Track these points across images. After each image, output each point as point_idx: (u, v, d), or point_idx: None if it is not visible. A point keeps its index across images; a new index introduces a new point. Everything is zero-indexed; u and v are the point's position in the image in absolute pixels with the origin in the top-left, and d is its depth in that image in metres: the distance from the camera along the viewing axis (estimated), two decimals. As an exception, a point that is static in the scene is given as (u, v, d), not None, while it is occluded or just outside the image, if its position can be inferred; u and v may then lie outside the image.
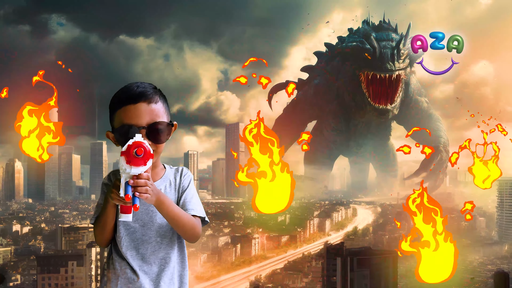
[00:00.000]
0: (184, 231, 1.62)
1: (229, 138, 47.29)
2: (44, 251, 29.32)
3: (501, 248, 31.73)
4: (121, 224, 1.65)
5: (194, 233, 1.64)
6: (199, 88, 63.71)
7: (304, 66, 28.45)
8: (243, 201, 37.67)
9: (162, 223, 1.64)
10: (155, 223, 1.65)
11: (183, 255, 1.72)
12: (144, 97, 1.60)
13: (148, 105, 1.60)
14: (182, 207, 1.67)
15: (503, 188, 32.20)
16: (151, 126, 1.59)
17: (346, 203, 37.82)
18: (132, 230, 1.65)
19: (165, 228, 1.65)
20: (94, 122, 49.66)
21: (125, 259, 1.64)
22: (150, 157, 1.44)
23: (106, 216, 1.58)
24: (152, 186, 1.47)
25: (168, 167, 1.78)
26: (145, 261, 1.63)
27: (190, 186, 1.74)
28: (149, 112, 1.59)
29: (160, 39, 61.00)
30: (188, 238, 1.66)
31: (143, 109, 1.58)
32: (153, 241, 1.65)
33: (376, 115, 25.62)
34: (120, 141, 1.59)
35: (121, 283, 1.63)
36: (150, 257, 1.64)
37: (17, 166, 45.70)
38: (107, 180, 1.75)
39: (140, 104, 1.59)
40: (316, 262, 30.07)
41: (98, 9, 54.28)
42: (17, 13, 51.28)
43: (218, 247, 31.88)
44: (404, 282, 24.57)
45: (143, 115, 1.58)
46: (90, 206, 41.68)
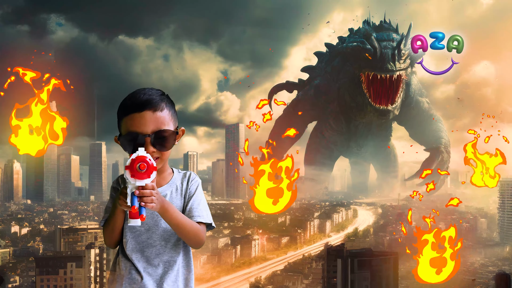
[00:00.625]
0: (188, 238, 1.68)
1: (229, 139, 47.26)
2: (43, 252, 29.27)
3: (502, 250, 31.64)
4: (127, 227, 1.72)
5: (197, 240, 1.69)
6: (198, 88, 63.83)
7: (304, 66, 28.38)
8: (243, 202, 37.62)
9: (166, 227, 1.70)
10: (160, 227, 1.71)
11: (189, 259, 1.76)
12: (150, 105, 1.63)
13: (154, 113, 1.64)
14: (189, 213, 1.72)
15: (504, 189, 32.10)
16: (156, 134, 1.63)
17: (346, 204, 37.81)
18: (137, 233, 1.72)
19: (170, 232, 1.71)
20: (93, 122, 49.69)
21: (130, 260, 1.70)
22: (154, 170, 1.49)
23: (115, 220, 1.65)
24: (157, 195, 1.52)
25: (176, 171, 1.82)
26: (149, 263, 1.69)
27: (198, 192, 1.79)
28: (154, 120, 1.63)
29: (160, 39, 61.03)
30: (192, 244, 1.72)
31: (148, 117, 1.62)
32: (158, 245, 1.71)
33: (377, 115, 25.53)
34: (126, 148, 1.66)
35: (126, 283, 1.69)
36: (155, 260, 1.69)
37: (15, 167, 45.68)
38: (116, 184, 1.82)
39: (145, 112, 1.63)
40: (316, 264, 30.04)
41: (97, 9, 54.11)
42: (16, 13, 51.17)
43: (218, 248, 31.85)
44: (405, 283, 24.46)
45: (148, 123, 1.62)
46: (89, 207, 41.63)
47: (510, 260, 30.38)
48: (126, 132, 1.64)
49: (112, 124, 1.76)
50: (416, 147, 27.51)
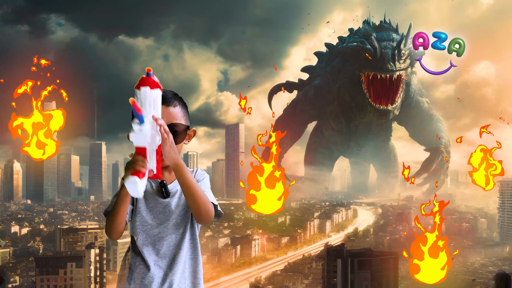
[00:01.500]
0: (198, 205, 1.67)
1: (229, 139, 47.27)
2: (43, 252, 29.26)
3: (502, 250, 31.63)
4: (138, 221, 1.76)
5: (207, 210, 1.69)
6: (198, 88, 63.82)
7: (304, 66, 28.40)
8: (243, 202, 37.60)
9: (177, 221, 1.76)
10: (171, 221, 1.76)
11: (196, 252, 1.81)
12: (164, 100, 1.67)
13: (167, 108, 1.71)
14: None
15: (504, 189, 32.10)
16: (168, 127, 1.64)
17: (346, 204, 37.83)
18: (149, 227, 1.77)
19: (180, 226, 1.77)
20: (93, 122, 49.72)
21: (141, 254, 1.76)
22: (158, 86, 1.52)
23: (118, 207, 1.65)
24: (172, 145, 1.54)
25: None
26: (159, 256, 1.75)
27: (205, 180, 1.86)
28: (167, 114, 1.71)
29: (160, 39, 61.06)
30: (201, 215, 1.70)
31: (162, 110, 1.65)
32: (168, 238, 1.77)
33: (377, 116, 25.53)
34: None
35: (136, 273, 1.75)
36: (165, 253, 1.75)
37: (15, 167, 45.73)
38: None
39: None
40: (316, 264, 30.04)
41: (97, 9, 54.11)
42: (16, 13, 51.16)
43: (217, 248, 31.86)
44: (405, 283, 24.47)
45: (161, 116, 1.64)
46: (89, 207, 41.63)
47: (510, 260, 30.38)
48: None
49: (112, 124, 1.75)
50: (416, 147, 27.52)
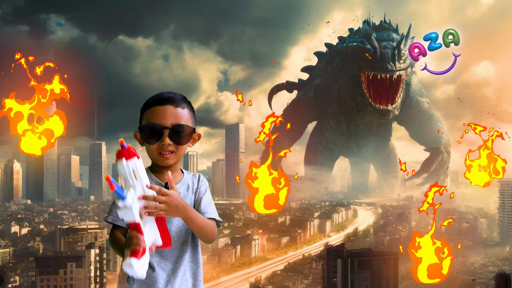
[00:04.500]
0: (206, 236, 1.77)
1: (229, 139, 47.25)
2: (43, 252, 29.24)
3: (502, 250, 31.62)
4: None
5: (213, 237, 1.79)
6: (198, 88, 63.76)
7: (304, 66, 28.36)
8: (243, 202, 37.60)
9: (179, 224, 1.79)
10: (173, 224, 1.79)
11: (197, 254, 1.85)
12: (172, 101, 1.74)
13: (175, 108, 1.74)
14: (202, 210, 1.82)
15: (504, 189, 32.10)
16: (174, 127, 1.73)
17: (346, 204, 37.81)
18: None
19: (181, 230, 1.81)
20: (93, 122, 49.66)
21: None
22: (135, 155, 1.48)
23: (119, 250, 1.65)
24: (176, 200, 1.55)
25: (186, 172, 1.92)
26: (162, 258, 1.77)
27: (208, 193, 1.91)
28: (174, 114, 1.74)
29: (159, 39, 60.97)
30: (207, 240, 1.80)
31: (169, 111, 1.73)
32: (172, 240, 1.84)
33: (377, 116, 25.51)
34: (144, 139, 1.76)
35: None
36: (168, 255, 1.78)
37: (15, 167, 45.68)
38: None
39: (167, 106, 1.74)
40: (316, 264, 30.01)
41: (97, 9, 54.07)
42: (16, 13, 51.14)
43: (218, 248, 31.83)
44: (405, 283, 24.47)
45: (168, 116, 1.73)
46: (89, 207, 41.61)
47: (510, 260, 30.37)
48: (146, 123, 1.75)
49: (112, 124, 1.77)
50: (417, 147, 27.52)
